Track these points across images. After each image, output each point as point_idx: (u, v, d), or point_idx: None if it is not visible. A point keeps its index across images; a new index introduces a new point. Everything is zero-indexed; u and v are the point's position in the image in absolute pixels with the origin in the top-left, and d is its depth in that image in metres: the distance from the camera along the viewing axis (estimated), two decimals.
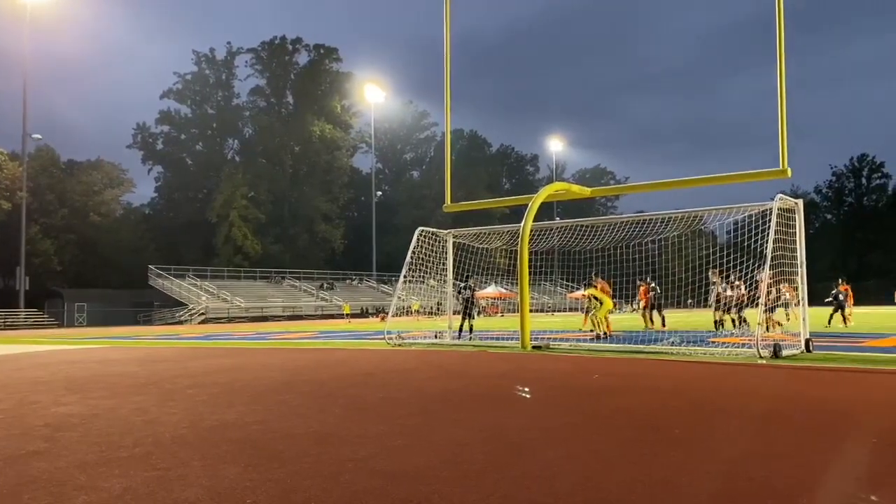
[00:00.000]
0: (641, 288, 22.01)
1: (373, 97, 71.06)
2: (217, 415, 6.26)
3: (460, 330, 18.30)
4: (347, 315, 52.00)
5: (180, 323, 48.93)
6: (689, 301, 23.31)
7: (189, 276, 59.05)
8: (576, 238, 17.84)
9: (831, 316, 22.20)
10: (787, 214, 12.51)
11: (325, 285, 66.99)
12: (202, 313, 51.29)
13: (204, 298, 54.24)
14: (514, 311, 14.86)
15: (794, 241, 12.59)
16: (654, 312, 21.94)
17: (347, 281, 72.55)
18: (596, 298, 17.65)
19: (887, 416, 5.91)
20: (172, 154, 79.46)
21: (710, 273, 18.59)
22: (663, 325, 21.27)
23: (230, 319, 51.04)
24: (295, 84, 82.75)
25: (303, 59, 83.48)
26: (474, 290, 19.36)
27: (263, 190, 75.83)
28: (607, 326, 17.50)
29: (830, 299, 22.54)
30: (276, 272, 67.80)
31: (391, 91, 77.77)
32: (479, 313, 19.48)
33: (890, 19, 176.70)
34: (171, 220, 77.48)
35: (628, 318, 31.98)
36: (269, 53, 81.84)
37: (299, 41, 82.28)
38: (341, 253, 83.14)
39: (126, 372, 10.76)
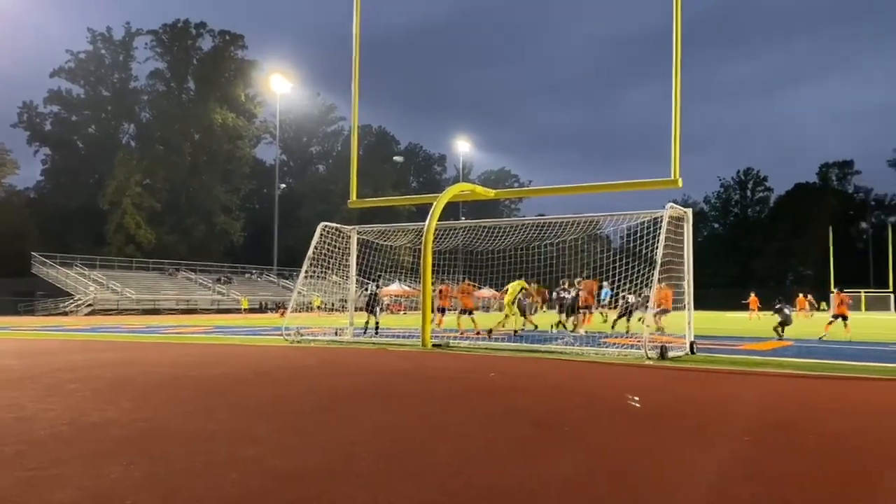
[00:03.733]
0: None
1: (279, 87, 69.42)
2: (100, 411, 5.99)
3: (366, 326, 18.24)
4: (245, 310, 50.72)
5: (65, 314, 46.34)
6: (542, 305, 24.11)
7: (76, 265, 56.01)
8: (479, 238, 18.10)
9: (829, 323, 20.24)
10: (676, 222, 13.12)
11: (223, 279, 65.05)
12: (89, 304, 48.80)
13: (92, 289, 51.58)
14: (418, 309, 14.96)
15: (683, 248, 13.23)
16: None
17: (247, 275, 70.71)
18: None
19: (758, 416, 6.31)
20: (62, 136, 75.04)
21: (577, 281, 19.36)
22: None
23: (120, 312, 48.75)
24: (197, 70, 79.74)
25: (206, 44, 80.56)
26: (379, 287, 19.32)
27: (160, 178, 72.66)
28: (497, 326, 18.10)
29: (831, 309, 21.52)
30: (171, 264, 65.26)
31: (298, 82, 76.20)
32: (381, 311, 19.41)
33: (776, 42, 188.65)
34: (58, 205, 73.13)
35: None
36: (171, 37, 78.53)
37: (203, 26, 79.41)
38: (241, 246, 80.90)
39: (1, 365, 10.13)
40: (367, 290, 18.90)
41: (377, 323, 18.55)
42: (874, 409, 6.87)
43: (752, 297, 38.66)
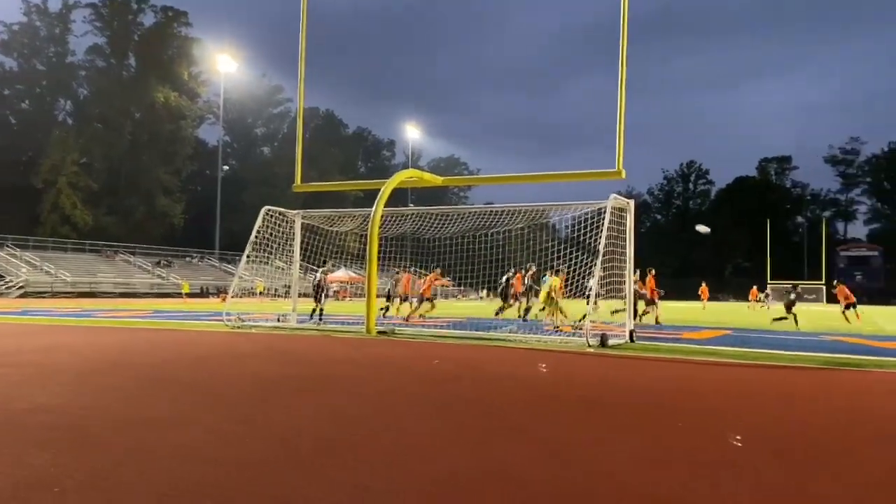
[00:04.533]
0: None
1: (223, 66, 67.83)
2: (30, 397, 5.79)
3: (312, 313, 18.06)
4: (185, 294, 49.67)
5: None
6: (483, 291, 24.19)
7: (7, 246, 53.93)
8: (428, 225, 18.07)
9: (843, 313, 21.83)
10: (619, 213, 13.34)
11: (163, 262, 63.50)
12: (21, 287, 47.07)
13: (24, 270, 49.75)
14: (364, 296, 14.78)
15: (625, 238, 13.46)
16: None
17: (187, 258, 69.18)
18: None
19: (693, 402, 6.48)
20: None
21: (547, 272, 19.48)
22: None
23: (54, 294, 47.16)
24: (138, 46, 77.16)
25: (148, 19, 78.14)
26: (325, 274, 19.12)
27: (98, 156, 70.32)
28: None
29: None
30: (109, 246, 63.40)
31: (244, 62, 74.63)
32: (326, 297, 19.22)
33: (722, 39, 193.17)
34: None
35: (477, 306, 32.94)
36: (111, 11, 75.80)
37: (145, 0, 77.05)
38: (182, 228, 79.01)
39: None
40: (315, 277, 18.68)
41: (321, 309, 18.39)
42: (806, 396, 7.13)
43: (703, 287, 39.89)
